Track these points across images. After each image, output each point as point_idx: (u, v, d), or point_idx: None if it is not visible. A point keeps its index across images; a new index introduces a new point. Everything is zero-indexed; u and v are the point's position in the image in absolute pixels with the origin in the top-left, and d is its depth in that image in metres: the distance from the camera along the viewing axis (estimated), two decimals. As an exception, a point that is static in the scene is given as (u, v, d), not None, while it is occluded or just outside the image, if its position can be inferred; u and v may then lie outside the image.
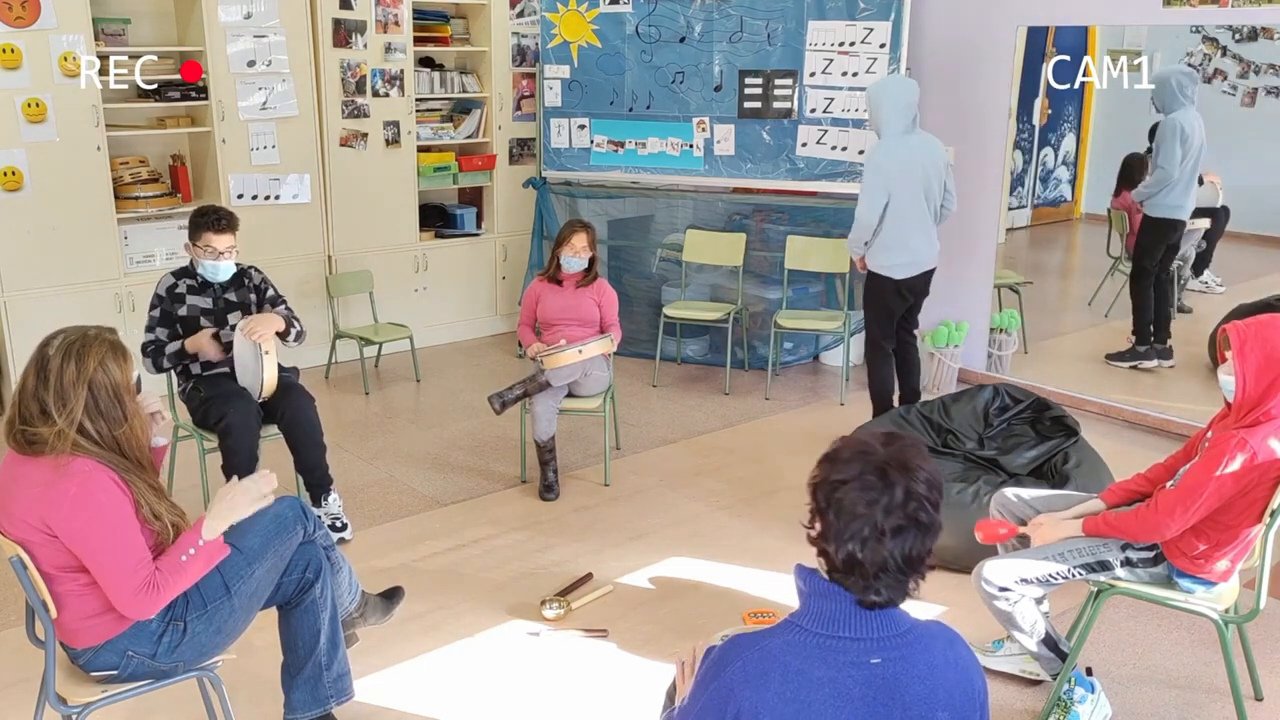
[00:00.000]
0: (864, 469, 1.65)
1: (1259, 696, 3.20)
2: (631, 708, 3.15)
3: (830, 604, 1.69)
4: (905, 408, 4.72)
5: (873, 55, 5.86)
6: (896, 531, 1.63)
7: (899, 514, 1.63)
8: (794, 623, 1.71)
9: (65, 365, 2.41)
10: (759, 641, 1.69)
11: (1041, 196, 7.11)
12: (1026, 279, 6.60)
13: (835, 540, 1.66)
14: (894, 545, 1.63)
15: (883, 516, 1.63)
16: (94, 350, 2.44)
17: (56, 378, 2.40)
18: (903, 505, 1.64)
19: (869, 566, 1.64)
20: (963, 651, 1.73)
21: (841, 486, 1.66)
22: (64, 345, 2.44)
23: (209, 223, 4.04)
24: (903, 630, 1.69)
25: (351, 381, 6.14)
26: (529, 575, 3.92)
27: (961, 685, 1.70)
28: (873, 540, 1.63)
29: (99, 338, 2.47)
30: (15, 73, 5.09)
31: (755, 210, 6.42)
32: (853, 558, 1.64)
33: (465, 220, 6.88)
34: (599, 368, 4.65)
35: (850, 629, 1.67)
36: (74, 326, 2.51)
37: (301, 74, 5.94)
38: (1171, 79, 5.76)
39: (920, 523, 1.65)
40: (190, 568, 2.47)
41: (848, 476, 1.66)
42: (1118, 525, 2.92)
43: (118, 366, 2.47)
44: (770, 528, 4.31)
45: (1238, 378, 2.76)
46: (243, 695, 3.13)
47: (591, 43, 6.37)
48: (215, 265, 4.08)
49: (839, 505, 1.66)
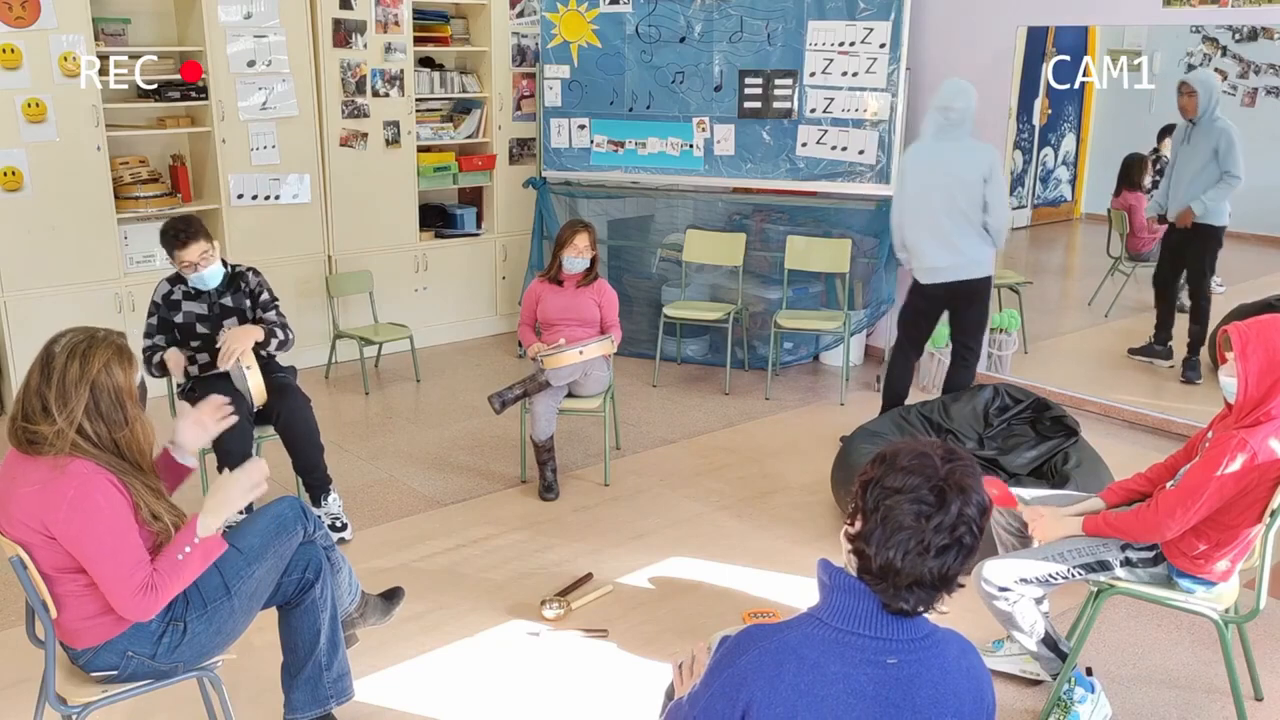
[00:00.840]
0: (921, 484, 1.64)
1: (1259, 696, 3.20)
2: (631, 708, 3.15)
3: (854, 600, 1.68)
4: (905, 407, 4.71)
5: (873, 55, 5.86)
6: (941, 550, 1.63)
7: (947, 534, 1.63)
8: (814, 616, 1.71)
9: (69, 364, 2.41)
10: (776, 633, 1.69)
11: (1041, 196, 7.11)
12: (1026, 279, 6.60)
13: (877, 545, 1.65)
14: (935, 563, 1.63)
15: (932, 534, 1.63)
16: (99, 352, 2.44)
17: (59, 376, 2.40)
18: (952, 527, 1.63)
19: (905, 577, 1.64)
20: (975, 661, 1.73)
21: (895, 495, 1.65)
22: (70, 344, 2.44)
23: (169, 241, 3.97)
24: (921, 636, 1.69)
25: (351, 381, 6.14)
26: (529, 575, 3.92)
27: (972, 694, 1.70)
28: (915, 554, 1.63)
29: (106, 340, 2.47)
30: (15, 73, 5.09)
31: (755, 210, 6.42)
32: (891, 565, 1.64)
33: (465, 220, 6.88)
34: (599, 368, 4.65)
35: (871, 628, 1.67)
36: (83, 327, 2.52)
37: (301, 74, 5.94)
38: (1215, 85, 5.70)
39: (964, 545, 1.65)
40: (187, 566, 2.46)
41: (904, 487, 1.65)
42: (1118, 525, 2.92)
43: (122, 370, 2.46)
44: (770, 528, 4.31)
45: (1240, 379, 2.75)
46: (243, 695, 3.13)
47: (591, 43, 6.37)
48: (200, 276, 4.02)
49: (888, 512, 1.65)
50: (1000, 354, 6.15)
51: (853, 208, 6.13)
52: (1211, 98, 5.70)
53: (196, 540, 2.48)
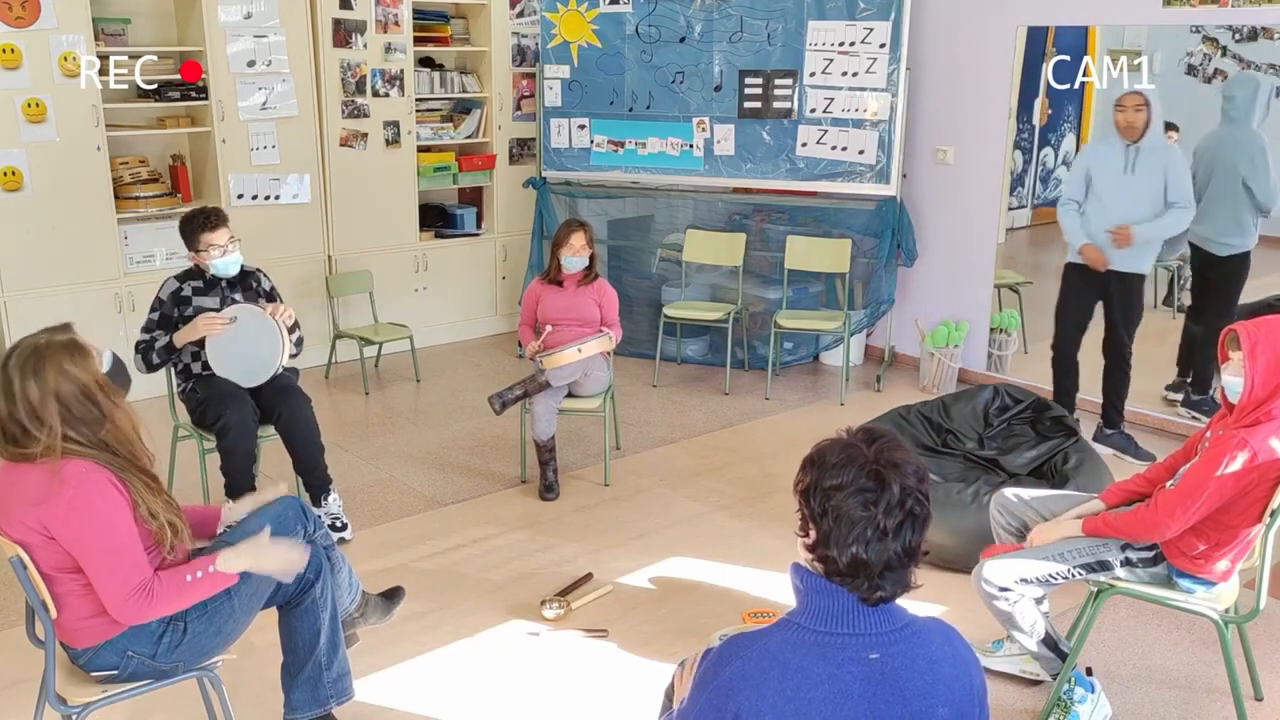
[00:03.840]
0: (857, 474, 1.67)
1: (1259, 696, 3.20)
2: (631, 708, 3.15)
3: (829, 601, 1.70)
4: (905, 407, 4.70)
5: (873, 55, 5.86)
6: (898, 529, 1.66)
7: (898, 511, 1.66)
8: (792, 620, 1.72)
9: (26, 384, 2.37)
10: (757, 640, 1.70)
11: (1042, 196, 7.10)
12: (1026, 279, 6.59)
13: (838, 545, 1.67)
14: (896, 543, 1.66)
15: (884, 517, 1.65)
16: (50, 361, 2.39)
17: (23, 399, 2.36)
18: (900, 503, 1.66)
19: (875, 565, 1.66)
20: (960, 647, 1.74)
21: (837, 493, 1.67)
22: (19, 364, 2.39)
23: (200, 224, 4.02)
24: (900, 625, 1.70)
25: (351, 381, 6.14)
26: (529, 575, 3.92)
27: (960, 680, 1.71)
28: (875, 541, 1.66)
29: (50, 345, 2.42)
30: (15, 73, 5.09)
31: (755, 210, 6.42)
32: (857, 560, 1.66)
33: (465, 220, 6.88)
34: (599, 368, 4.65)
35: (849, 625, 1.68)
36: (27, 338, 2.45)
37: (301, 74, 5.94)
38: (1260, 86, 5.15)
39: (916, 515, 1.68)
40: (192, 590, 2.46)
41: (842, 483, 1.67)
42: (1117, 525, 2.92)
43: (79, 368, 2.42)
44: (770, 528, 4.31)
45: (1247, 379, 2.75)
46: (243, 695, 3.13)
47: (591, 43, 6.37)
48: (224, 261, 4.06)
49: (837, 512, 1.67)
50: (1000, 354, 6.15)
51: (853, 208, 6.13)
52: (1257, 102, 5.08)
53: (211, 570, 2.49)
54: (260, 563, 2.57)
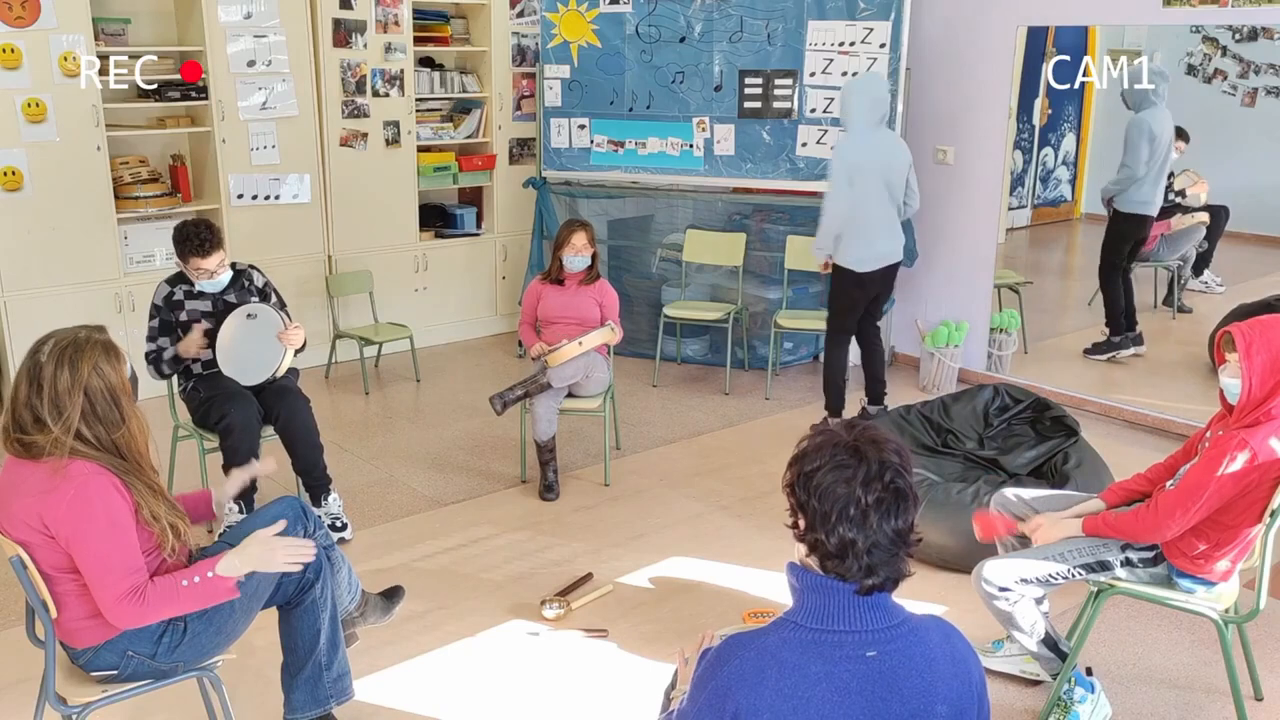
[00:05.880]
0: (835, 450, 1.69)
1: (1259, 696, 3.20)
2: (631, 708, 3.15)
3: (825, 598, 1.70)
4: (905, 407, 4.71)
5: (873, 55, 5.86)
6: (879, 504, 1.66)
7: (877, 485, 1.66)
8: (789, 619, 1.72)
9: (59, 372, 2.37)
10: (754, 640, 1.70)
11: (1041, 196, 7.11)
12: (1026, 279, 6.60)
13: (823, 526, 1.68)
14: (878, 519, 1.66)
15: (862, 490, 1.66)
16: (88, 355, 2.40)
17: (51, 386, 2.36)
18: (879, 475, 1.66)
19: (862, 544, 1.66)
20: (959, 644, 1.74)
21: (817, 473, 1.69)
22: (56, 351, 2.39)
23: (192, 248, 3.97)
24: (897, 623, 1.70)
25: (351, 381, 6.14)
26: (529, 575, 3.92)
27: (959, 677, 1.71)
28: (859, 516, 1.66)
29: (90, 340, 2.43)
30: (15, 73, 5.09)
31: (755, 210, 6.42)
32: (845, 540, 1.66)
33: (465, 220, 6.88)
34: (599, 368, 4.65)
35: (845, 622, 1.68)
36: (65, 330, 2.46)
37: (301, 74, 5.94)
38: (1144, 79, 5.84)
39: (899, 489, 1.68)
40: (187, 595, 2.44)
41: (821, 463, 1.69)
42: (1118, 525, 2.92)
43: (112, 368, 2.43)
44: (770, 528, 4.31)
45: (1244, 380, 2.75)
46: (243, 695, 3.13)
47: (591, 43, 6.37)
48: (211, 283, 4.06)
49: (819, 491, 1.68)
50: (1000, 354, 6.15)
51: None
52: (1136, 91, 5.82)
53: (210, 575, 2.46)
54: (267, 563, 2.55)
